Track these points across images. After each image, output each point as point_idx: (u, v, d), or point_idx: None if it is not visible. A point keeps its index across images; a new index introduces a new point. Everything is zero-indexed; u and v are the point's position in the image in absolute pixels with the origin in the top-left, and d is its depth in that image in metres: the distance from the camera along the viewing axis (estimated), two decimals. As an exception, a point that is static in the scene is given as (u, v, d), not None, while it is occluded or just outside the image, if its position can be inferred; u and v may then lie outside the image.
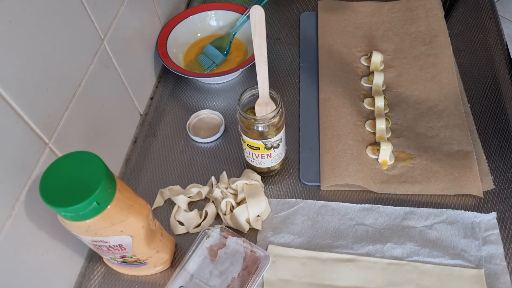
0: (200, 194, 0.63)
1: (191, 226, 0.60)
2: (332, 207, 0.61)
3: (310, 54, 0.80)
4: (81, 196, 0.39)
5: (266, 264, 0.54)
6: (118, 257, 0.51)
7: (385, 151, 0.63)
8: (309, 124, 0.70)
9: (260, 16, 0.48)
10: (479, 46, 0.77)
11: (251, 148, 0.59)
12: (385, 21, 0.82)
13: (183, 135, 0.71)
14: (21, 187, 0.46)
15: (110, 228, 0.44)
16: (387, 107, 0.70)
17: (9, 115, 0.43)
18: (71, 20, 0.52)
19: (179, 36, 0.81)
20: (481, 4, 0.84)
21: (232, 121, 0.72)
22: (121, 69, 0.65)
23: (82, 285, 0.57)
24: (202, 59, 0.79)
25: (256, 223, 0.59)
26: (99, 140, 0.61)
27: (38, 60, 0.47)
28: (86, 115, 0.57)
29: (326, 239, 0.58)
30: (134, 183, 0.66)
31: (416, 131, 0.67)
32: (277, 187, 0.64)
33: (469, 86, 0.71)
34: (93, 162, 0.41)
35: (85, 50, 0.56)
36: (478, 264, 0.54)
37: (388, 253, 0.56)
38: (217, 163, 0.67)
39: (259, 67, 0.52)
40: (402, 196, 0.61)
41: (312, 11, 0.87)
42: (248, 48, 0.80)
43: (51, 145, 0.50)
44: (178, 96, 0.77)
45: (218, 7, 0.83)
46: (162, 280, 0.57)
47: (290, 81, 0.77)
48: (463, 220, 0.58)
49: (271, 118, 0.55)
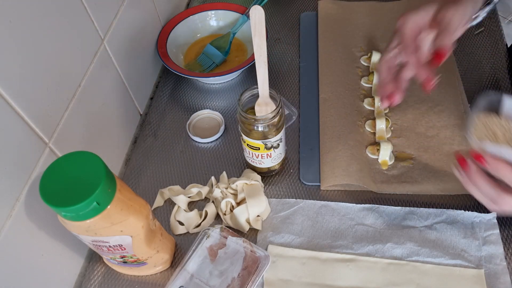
0: (200, 194, 0.63)
1: (191, 226, 0.60)
2: (332, 207, 0.61)
3: (310, 54, 0.80)
4: (81, 196, 0.39)
5: (266, 264, 0.54)
6: (118, 257, 0.51)
7: (385, 151, 0.63)
8: (309, 124, 0.70)
9: (260, 16, 0.48)
10: (479, 46, 0.77)
11: (251, 148, 0.59)
12: (385, 21, 0.82)
13: (183, 135, 0.71)
14: (21, 187, 0.46)
15: (110, 228, 0.44)
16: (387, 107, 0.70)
17: (9, 115, 0.43)
18: (71, 20, 0.52)
19: (179, 36, 0.81)
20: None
21: (232, 121, 0.72)
22: (121, 69, 0.65)
23: (82, 285, 0.57)
24: (202, 59, 0.79)
25: (256, 223, 0.59)
26: (99, 140, 0.61)
27: (38, 60, 0.47)
28: (86, 115, 0.57)
29: (326, 239, 0.58)
30: (134, 183, 0.66)
31: (416, 131, 0.67)
32: (277, 187, 0.64)
33: (469, 86, 0.71)
34: (93, 162, 0.41)
35: (85, 50, 0.56)
36: (478, 264, 0.54)
37: (388, 253, 0.56)
38: (217, 163, 0.67)
39: (259, 67, 0.52)
40: (402, 196, 0.61)
41: (312, 11, 0.87)
42: (248, 48, 0.80)
43: (51, 145, 0.50)
44: (178, 96, 0.77)
45: (218, 7, 0.83)
46: (162, 280, 0.57)
47: (290, 81, 0.77)
48: (463, 220, 0.58)
49: (271, 118, 0.55)
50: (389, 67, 0.55)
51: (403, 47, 0.52)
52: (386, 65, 0.55)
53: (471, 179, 0.47)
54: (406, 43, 0.51)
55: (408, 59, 0.51)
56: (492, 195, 0.46)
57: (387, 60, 0.56)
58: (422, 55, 0.52)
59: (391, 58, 0.55)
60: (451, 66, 0.73)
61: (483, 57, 0.76)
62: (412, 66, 0.51)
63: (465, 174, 0.48)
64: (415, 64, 0.51)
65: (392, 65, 0.55)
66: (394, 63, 0.55)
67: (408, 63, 0.52)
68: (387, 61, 0.55)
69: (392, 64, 0.55)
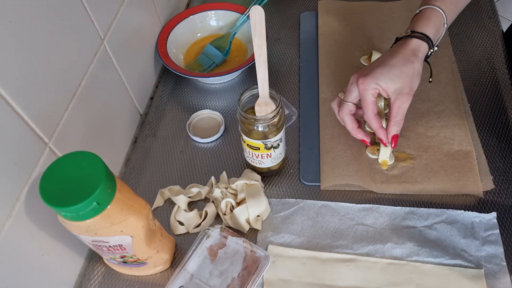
0: (200, 194, 0.63)
1: (191, 226, 0.60)
2: (332, 207, 0.61)
3: (310, 54, 0.80)
4: (81, 196, 0.39)
5: (266, 264, 0.54)
6: (118, 257, 0.51)
7: (385, 151, 0.63)
8: (309, 124, 0.70)
9: (260, 16, 0.48)
10: (479, 46, 0.77)
11: (251, 148, 0.59)
12: (385, 21, 0.82)
13: (183, 135, 0.71)
14: (21, 187, 0.46)
15: (110, 228, 0.44)
16: (387, 107, 0.70)
17: (9, 115, 0.43)
18: (71, 20, 0.52)
19: (179, 36, 0.81)
20: (481, 4, 0.84)
21: (232, 121, 0.72)
22: (121, 69, 0.65)
23: (82, 285, 0.57)
24: (202, 59, 0.79)
25: (256, 223, 0.59)
26: (99, 140, 0.61)
27: (38, 60, 0.47)
28: (86, 115, 0.57)
29: (326, 239, 0.58)
30: (134, 183, 0.66)
31: (416, 131, 0.67)
32: (277, 187, 0.64)
33: (469, 86, 0.71)
34: (93, 162, 0.41)
35: (85, 50, 0.56)
36: (478, 264, 0.54)
37: (388, 253, 0.56)
38: (217, 163, 0.67)
39: (259, 67, 0.52)
40: (402, 196, 0.61)
41: (312, 11, 0.87)
42: (248, 48, 0.80)
43: (51, 145, 0.50)
44: (178, 96, 0.77)
45: (218, 7, 0.83)
46: (162, 280, 0.57)
47: (290, 81, 0.77)
48: (463, 220, 0.58)
49: (271, 118, 0.55)
50: (352, 117, 0.61)
51: (365, 112, 0.58)
52: (349, 117, 0.60)
53: None
54: (367, 109, 0.58)
55: (370, 123, 0.59)
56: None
57: (350, 111, 0.60)
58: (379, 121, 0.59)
59: (351, 110, 0.60)
60: (451, 66, 0.73)
61: (483, 57, 0.76)
62: (373, 127, 0.60)
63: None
64: (377, 128, 0.59)
65: (352, 114, 0.61)
66: (352, 112, 0.60)
67: (370, 124, 0.60)
68: (350, 112, 0.60)
69: (352, 113, 0.60)
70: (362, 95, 0.57)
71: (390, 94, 0.56)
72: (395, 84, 0.55)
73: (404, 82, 0.55)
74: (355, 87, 0.58)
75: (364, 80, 0.56)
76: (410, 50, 0.56)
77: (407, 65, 0.55)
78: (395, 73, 0.55)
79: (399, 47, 0.57)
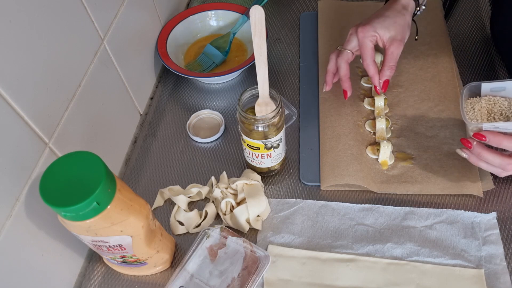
0: (200, 194, 0.63)
1: (191, 226, 0.60)
2: (332, 207, 0.61)
3: (310, 54, 0.80)
4: (81, 196, 0.39)
5: (266, 264, 0.54)
6: (118, 257, 0.51)
7: (385, 151, 0.63)
8: (309, 124, 0.70)
9: (260, 16, 0.48)
10: (479, 46, 0.77)
11: (251, 148, 0.59)
12: (385, 21, 0.82)
13: (183, 135, 0.71)
14: (21, 187, 0.46)
15: (110, 228, 0.44)
16: (387, 107, 0.70)
17: (9, 115, 0.43)
18: (71, 20, 0.52)
19: (179, 36, 0.81)
20: (481, 4, 0.85)
21: (232, 121, 0.72)
22: (121, 69, 0.65)
23: (82, 285, 0.57)
24: (202, 59, 0.79)
25: (256, 223, 0.59)
26: (99, 140, 0.61)
27: (38, 60, 0.47)
28: (86, 115, 0.57)
29: (326, 239, 0.58)
30: (134, 183, 0.66)
31: (416, 131, 0.67)
32: (277, 187, 0.64)
33: (469, 86, 0.71)
34: (93, 162, 0.41)
35: (85, 50, 0.56)
36: (478, 264, 0.54)
37: (388, 253, 0.56)
38: (217, 163, 0.67)
39: (259, 67, 0.52)
40: (402, 196, 0.61)
41: (312, 11, 0.87)
42: (248, 48, 0.80)
43: (51, 145, 0.50)
44: (178, 96, 0.77)
45: (218, 7, 0.83)
46: (162, 280, 0.57)
47: (290, 81, 0.77)
48: (463, 220, 0.58)
49: (271, 118, 0.55)
50: (348, 65, 0.65)
51: (364, 59, 0.63)
52: (346, 64, 0.65)
53: (478, 155, 0.54)
54: (366, 55, 0.63)
55: (368, 69, 0.63)
56: (500, 163, 0.53)
57: (348, 59, 0.65)
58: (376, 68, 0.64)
59: (349, 58, 0.65)
60: (451, 65, 0.73)
61: (483, 57, 0.76)
62: (370, 73, 0.64)
63: (471, 152, 0.55)
64: (373, 73, 0.63)
65: (349, 62, 0.65)
66: (350, 61, 0.65)
67: (367, 71, 0.64)
68: (348, 60, 0.65)
69: (349, 61, 0.65)
70: (361, 42, 0.62)
71: (386, 41, 0.62)
72: (390, 32, 0.61)
73: (397, 30, 0.62)
74: (355, 37, 0.64)
75: (363, 29, 0.62)
76: (401, 5, 0.63)
77: (400, 16, 0.62)
78: (390, 23, 0.62)
79: (392, 4, 0.64)
